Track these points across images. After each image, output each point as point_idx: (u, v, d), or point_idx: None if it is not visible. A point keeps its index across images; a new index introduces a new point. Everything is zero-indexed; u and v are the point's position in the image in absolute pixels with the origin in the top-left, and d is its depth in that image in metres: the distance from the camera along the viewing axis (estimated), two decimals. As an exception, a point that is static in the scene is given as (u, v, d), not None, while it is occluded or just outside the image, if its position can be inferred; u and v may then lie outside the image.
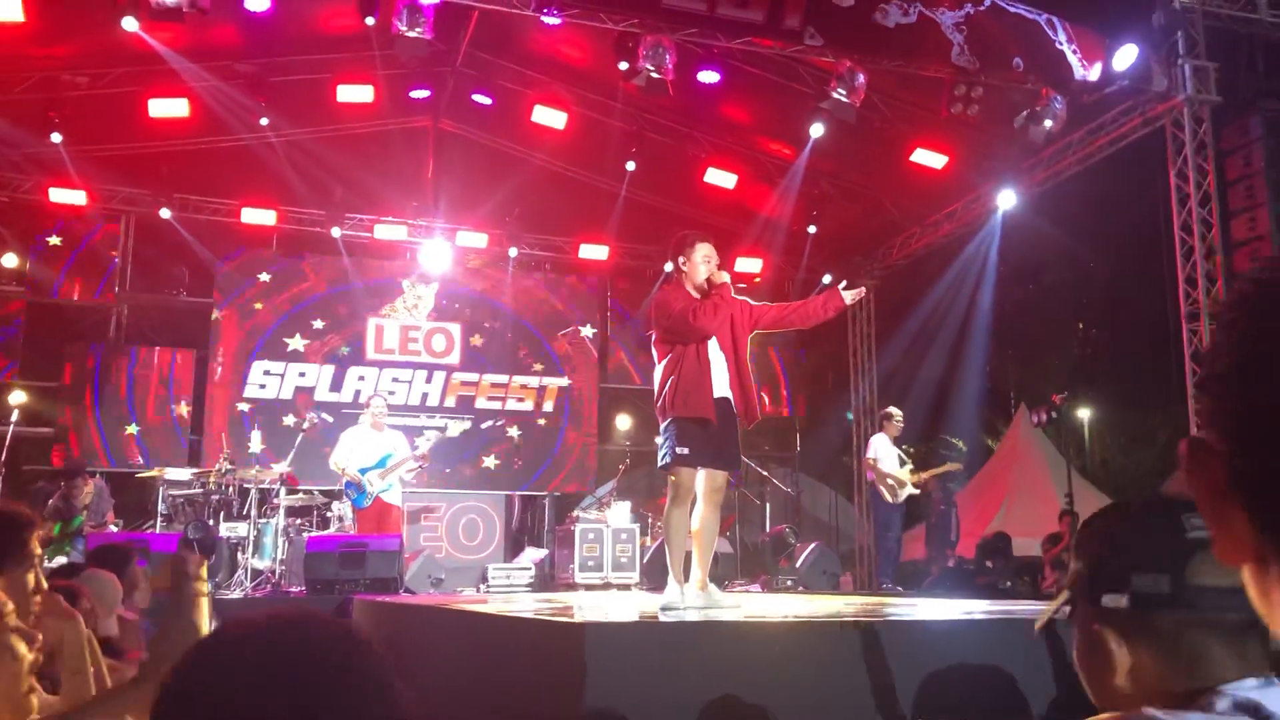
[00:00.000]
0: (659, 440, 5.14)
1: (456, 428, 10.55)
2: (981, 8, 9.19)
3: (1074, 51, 9.47)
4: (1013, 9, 9.32)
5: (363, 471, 9.69)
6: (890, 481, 10.68)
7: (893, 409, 11.05)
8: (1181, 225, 9.59)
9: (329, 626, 0.97)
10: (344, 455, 9.83)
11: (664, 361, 5.15)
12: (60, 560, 8.98)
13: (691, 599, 4.95)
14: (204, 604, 2.67)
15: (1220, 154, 9.63)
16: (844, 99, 9.44)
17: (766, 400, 14.20)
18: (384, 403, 10.38)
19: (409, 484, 10.51)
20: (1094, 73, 9.51)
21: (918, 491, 10.75)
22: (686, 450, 4.97)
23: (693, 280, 5.23)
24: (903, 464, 10.81)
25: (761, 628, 3.89)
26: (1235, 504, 0.60)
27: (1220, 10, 9.68)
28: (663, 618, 4.46)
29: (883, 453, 10.83)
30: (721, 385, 5.10)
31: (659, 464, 5.15)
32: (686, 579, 5.04)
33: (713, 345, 5.11)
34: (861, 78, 9.42)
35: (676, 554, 5.08)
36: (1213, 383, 0.64)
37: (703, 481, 5.09)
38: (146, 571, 5.55)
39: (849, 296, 5.35)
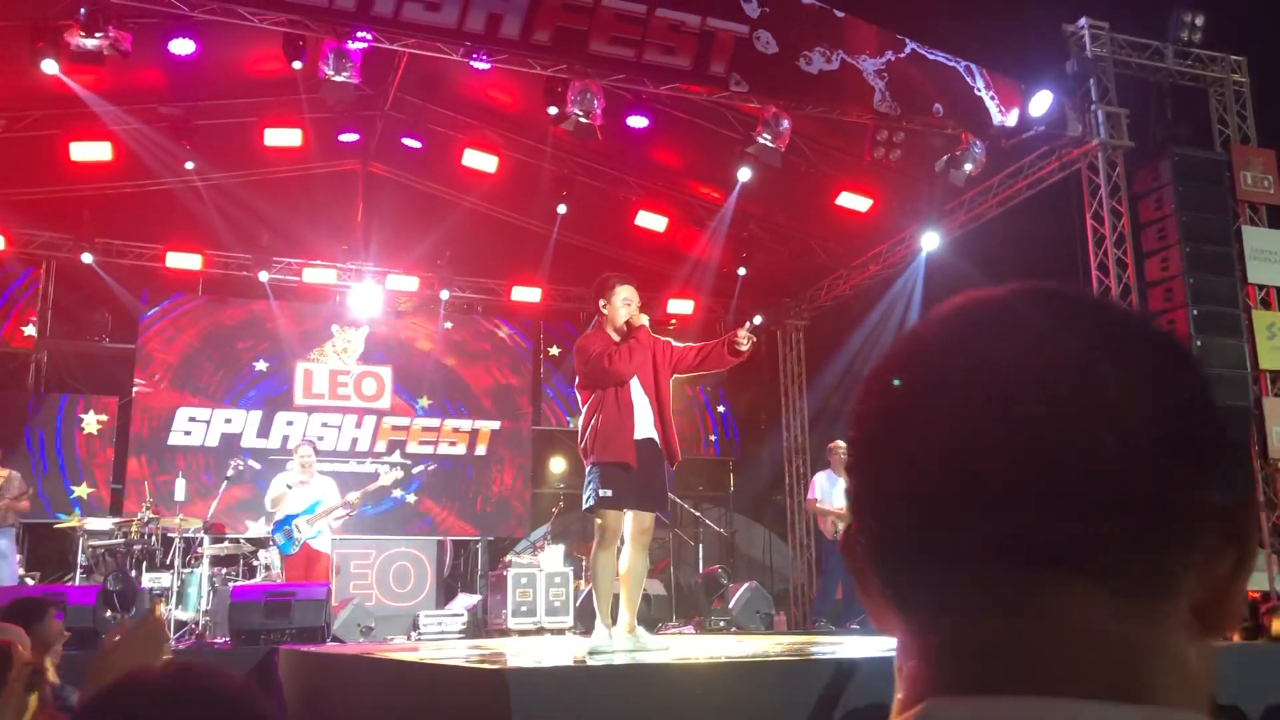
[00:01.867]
0: (585, 484, 5.15)
1: (389, 477, 10.40)
2: (901, 55, 9.44)
3: (992, 97, 9.75)
4: (931, 56, 9.58)
5: (290, 519, 9.55)
6: (830, 519, 10.73)
7: (836, 442, 11.07)
8: (1098, 265, 9.86)
9: (224, 680, 1.01)
10: (271, 498, 9.75)
11: (586, 405, 5.18)
12: None
13: (620, 642, 4.94)
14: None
15: (1133, 197, 9.95)
16: (769, 144, 9.60)
17: (703, 440, 14.26)
18: (312, 450, 10.24)
19: (337, 530, 10.36)
20: (1011, 118, 9.80)
21: None
22: (610, 493, 4.99)
23: (613, 323, 5.29)
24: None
25: (687, 669, 3.89)
26: (871, 576, 0.63)
27: (1130, 59, 10.05)
28: (590, 662, 4.44)
29: (821, 489, 10.88)
30: (644, 426, 5.12)
31: (584, 507, 5.16)
32: (614, 622, 5.03)
33: (634, 387, 5.14)
34: (786, 123, 9.59)
35: (604, 597, 5.07)
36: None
37: (629, 523, 5.10)
38: (61, 627, 5.38)
39: (741, 335, 5.35)
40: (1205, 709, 0.58)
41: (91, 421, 12.31)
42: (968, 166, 9.84)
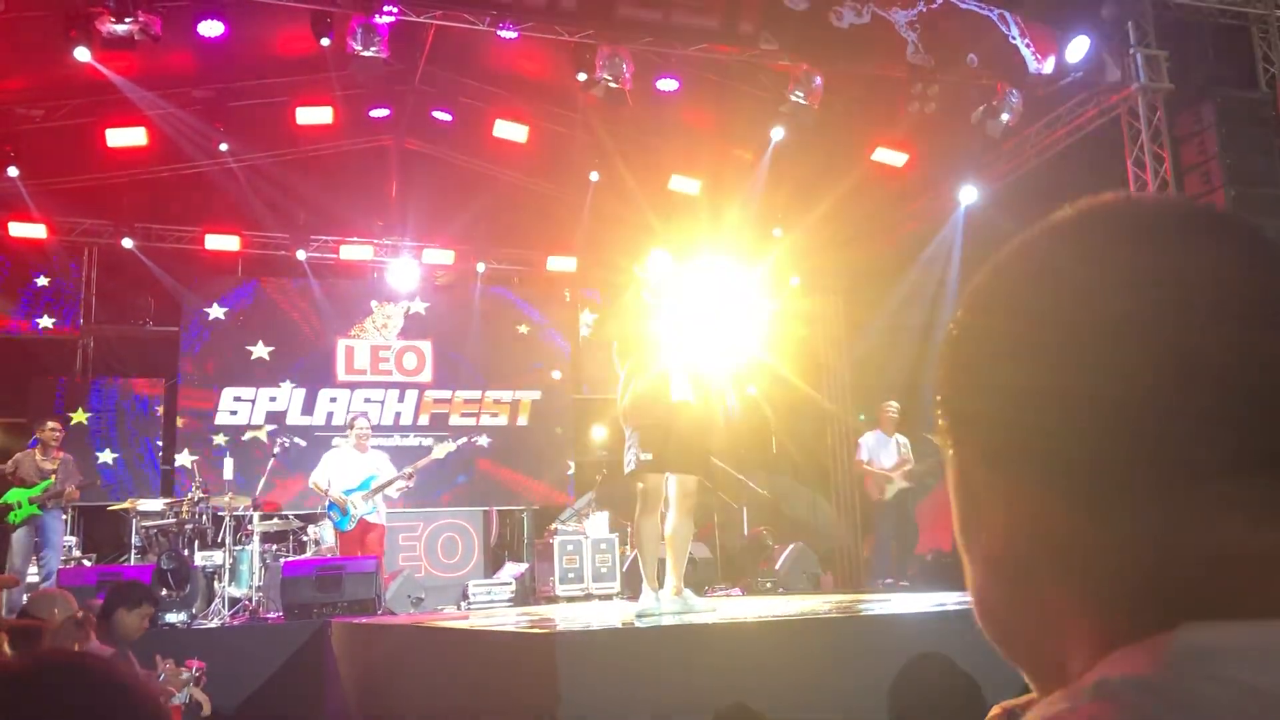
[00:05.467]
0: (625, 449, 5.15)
1: (442, 450, 10.43)
2: (934, 6, 9.27)
3: (1027, 45, 9.57)
4: (965, 5, 9.40)
5: (346, 493, 9.63)
6: (879, 480, 10.68)
7: (889, 403, 10.98)
8: (1140, 212, 9.67)
9: (97, 673, 0.96)
10: (323, 476, 9.76)
11: (624, 370, 5.17)
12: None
13: (667, 604, 4.95)
14: None
15: (1175, 141, 9.73)
16: (802, 101, 9.50)
17: (736, 404, 14.22)
18: (367, 423, 10.32)
19: (398, 503, 10.41)
20: (1048, 66, 9.61)
21: (909, 485, 10.66)
22: (650, 456, 4.98)
23: (649, 288, 5.27)
24: (903, 457, 10.68)
25: (733, 629, 3.90)
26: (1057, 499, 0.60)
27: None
28: (638, 624, 4.46)
29: (869, 450, 10.83)
30: (681, 389, 5.11)
31: (625, 471, 5.16)
32: (661, 585, 5.04)
33: (671, 350, 5.12)
34: (819, 80, 9.47)
35: (649, 561, 5.08)
36: None
37: (673, 487, 5.10)
38: (142, 622, 5.48)
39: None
40: None
41: (137, 404, 12.50)
42: (1005, 117, 9.68)
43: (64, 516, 10.22)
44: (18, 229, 11.81)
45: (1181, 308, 0.57)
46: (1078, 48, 9.49)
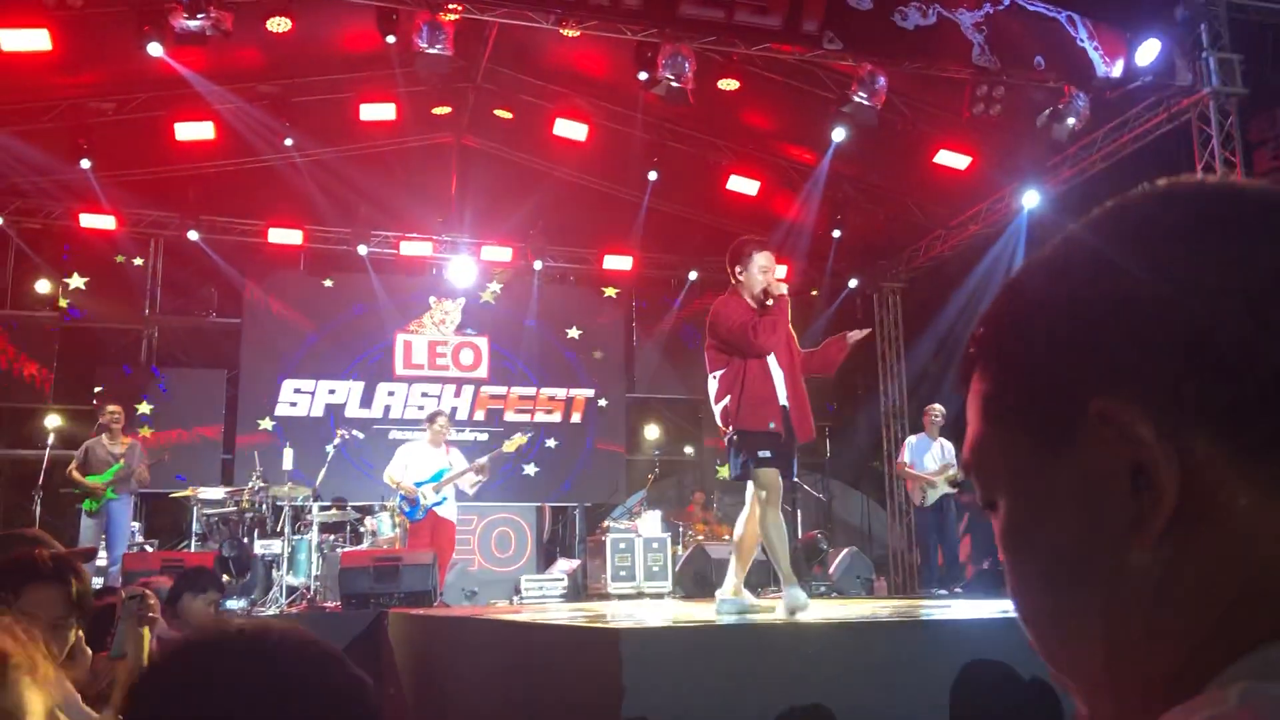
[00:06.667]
0: (730, 453, 5.13)
1: (513, 443, 10.41)
2: (1001, 7, 9.17)
3: (1095, 48, 9.43)
4: (1032, 7, 9.29)
5: (418, 485, 9.71)
6: (920, 485, 10.59)
7: (933, 405, 10.88)
8: (1210, 219, 9.49)
9: (301, 640, 0.98)
10: (399, 469, 9.83)
11: (720, 372, 5.10)
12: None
13: (729, 604, 4.95)
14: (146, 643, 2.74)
15: (1248, 146, 9.55)
16: (865, 102, 9.43)
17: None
18: (448, 421, 10.32)
19: (471, 496, 10.40)
20: (1116, 69, 9.46)
21: (954, 490, 10.57)
22: (769, 453, 4.96)
23: (750, 290, 5.17)
24: (946, 462, 10.57)
25: (798, 629, 3.88)
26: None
27: (1245, 2, 9.61)
28: (799, 618, 4.49)
29: (912, 454, 10.73)
30: (782, 395, 5.09)
31: (733, 475, 5.13)
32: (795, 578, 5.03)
33: (772, 357, 5.08)
34: (882, 80, 9.40)
35: (782, 556, 5.04)
36: None
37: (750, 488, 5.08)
38: (208, 608, 5.56)
39: (854, 336, 5.31)
40: None
41: (199, 393, 12.74)
42: (1071, 120, 9.54)
43: (132, 502, 10.42)
44: (88, 220, 12.07)
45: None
46: (1148, 51, 9.33)
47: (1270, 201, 0.59)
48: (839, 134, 10.32)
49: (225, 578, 8.67)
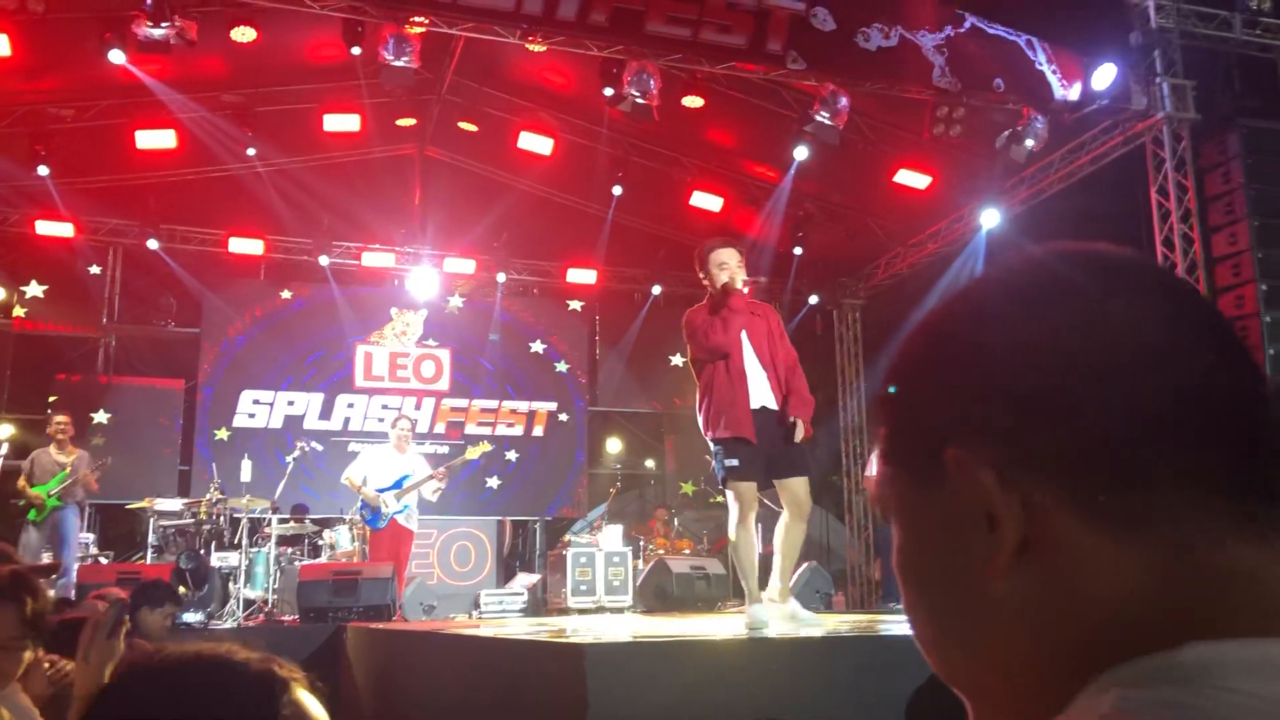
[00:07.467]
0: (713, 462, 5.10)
1: (476, 450, 10.41)
2: (961, 30, 9.32)
3: (1054, 71, 9.60)
4: (992, 31, 9.45)
5: (379, 492, 9.66)
6: None
7: None
8: (1163, 241, 9.70)
9: (249, 664, 0.99)
10: (358, 472, 9.78)
11: (700, 380, 5.09)
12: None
13: (775, 611, 4.95)
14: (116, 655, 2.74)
15: (1200, 170, 9.75)
16: (827, 122, 9.54)
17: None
18: (409, 425, 10.37)
19: (433, 504, 10.37)
20: (1074, 92, 9.64)
21: None
22: (737, 462, 4.88)
23: (713, 290, 5.15)
24: None
25: (760, 645, 3.92)
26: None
27: (1197, 29, 9.83)
28: (753, 636, 4.46)
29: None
30: (760, 395, 4.98)
31: (719, 484, 5.12)
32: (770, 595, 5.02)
33: (747, 356, 5.00)
34: (844, 100, 9.51)
35: (749, 571, 4.99)
36: None
37: (783, 497, 5.05)
38: (165, 622, 5.51)
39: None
40: None
41: (157, 404, 12.59)
42: (1029, 142, 9.70)
43: (81, 512, 10.27)
44: (45, 227, 11.91)
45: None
46: (1104, 75, 9.52)
47: (1110, 265, 0.66)
48: (801, 152, 10.42)
49: (182, 590, 8.56)
